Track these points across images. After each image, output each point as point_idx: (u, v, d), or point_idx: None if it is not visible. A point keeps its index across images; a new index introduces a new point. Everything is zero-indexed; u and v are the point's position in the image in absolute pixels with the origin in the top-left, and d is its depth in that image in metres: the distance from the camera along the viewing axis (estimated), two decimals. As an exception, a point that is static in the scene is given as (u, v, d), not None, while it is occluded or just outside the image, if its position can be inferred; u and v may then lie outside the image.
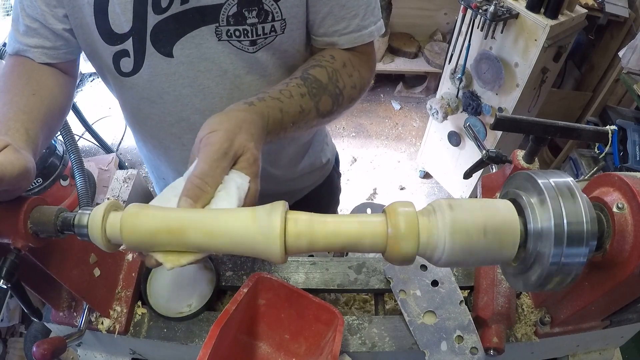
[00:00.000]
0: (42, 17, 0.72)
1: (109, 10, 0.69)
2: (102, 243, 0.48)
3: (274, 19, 0.71)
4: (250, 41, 0.72)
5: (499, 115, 0.82)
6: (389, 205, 0.45)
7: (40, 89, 0.72)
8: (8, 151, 0.52)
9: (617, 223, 0.49)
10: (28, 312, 0.65)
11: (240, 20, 0.70)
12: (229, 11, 0.69)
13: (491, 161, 0.91)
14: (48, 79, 0.75)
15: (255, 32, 0.71)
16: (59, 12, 0.72)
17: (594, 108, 2.61)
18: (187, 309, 0.79)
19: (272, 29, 0.72)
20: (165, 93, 0.78)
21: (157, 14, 0.69)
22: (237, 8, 0.69)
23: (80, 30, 0.74)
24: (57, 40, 0.75)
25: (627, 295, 0.60)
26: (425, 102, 2.48)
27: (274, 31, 0.72)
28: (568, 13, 1.93)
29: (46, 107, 0.70)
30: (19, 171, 0.50)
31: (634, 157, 1.94)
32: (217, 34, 0.71)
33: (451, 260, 0.43)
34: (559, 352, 0.84)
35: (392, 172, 3.01)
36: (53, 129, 0.74)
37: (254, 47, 0.73)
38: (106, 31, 0.71)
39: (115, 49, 0.73)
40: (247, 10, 0.69)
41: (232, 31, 0.71)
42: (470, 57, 2.16)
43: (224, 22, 0.70)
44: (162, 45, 0.72)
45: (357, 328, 0.78)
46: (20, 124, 0.62)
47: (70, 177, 2.09)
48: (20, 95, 0.69)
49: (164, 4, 0.69)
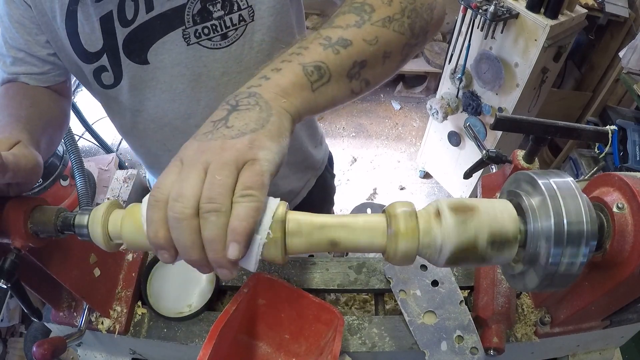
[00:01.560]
0: (26, 47, 0.74)
1: (79, 31, 0.70)
2: (102, 243, 0.48)
3: (239, 7, 0.69)
4: (221, 35, 0.71)
5: (499, 115, 0.82)
6: (389, 205, 0.45)
7: (37, 103, 0.73)
8: (21, 146, 0.54)
9: (617, 223, 0.49)
10: (28, 312, 0.65)
11: (206, 16, 0.69)
12: (193, 10, 0.68)
13: (491, 161, 0.91)
14: (43, 96, 0.77)
15: (224, 24, 0.70)
16: (42, 39, 0.74)
17: (594, 108, 2.61)
18: (187, 309, 0.79)
19: (241, 18, 0.70)
20: (146, 99, 0.78)
21: (124, 27, 0.69)
22: (201, 4, 0.68)
23: (62, 54, 0.75)
24: (44, 65, 0.76)
25: (627, 295, 0.60)
26: (425, 102, 2.48)
27: (243, 20, 0.71)
28: (568, 13, 1.93)
29: (45, 118, 0.72)
30: (32, 164, 0.53)
31: (634, 157, 1.94)
32: (185, 38, 0.71)
33: (451, 261, 0.43)
34: (559, 352, 0.84)
35: (392, 172, 3.01)
36: (53, 139, 0.75)
37: (226, 40, 0.72)
38: (81, 51, 0.72)
39: (93, 67, 0.74)
40: (210, 4, 0.68)
41: (201, 30, 0.70)
42: (470, 57, 2.16)
43: (190, 23, 0.69)
44: (136, 55, 0.72)
45: (357, 328, 0.78)
46: (22, 126, 0.63)
47: (70, 177, 2.09)
48: (18, 107, 0.70)
49: (129, 16, 0.69)
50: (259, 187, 0.41)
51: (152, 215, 0.41)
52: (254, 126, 0.44)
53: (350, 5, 0.56)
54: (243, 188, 0.40)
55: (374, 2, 0.56)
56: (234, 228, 0.39)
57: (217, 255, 0.40)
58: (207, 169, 0.41)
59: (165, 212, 0.40)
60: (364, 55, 0.53)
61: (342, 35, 0.52)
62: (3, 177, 0.49)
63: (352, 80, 0.53)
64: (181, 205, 0.39)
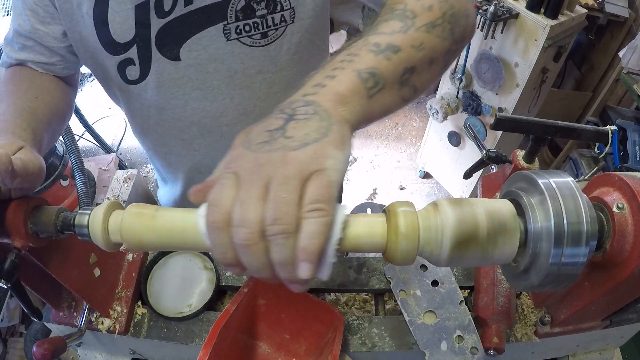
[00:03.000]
0: (36, 35, 0.73)
1: (109, 19, 0.68)
2: (102, 243, 0.48)
3: (282, 8, 0.69)
4: (261, 34, 0.71)
5: (499, 115, 0.82)
6: (389, 205, 0.45)
7: (42, 94, 0.72)
8: (26, 150, 0.54)
9: (617, 223, 0.49)
10: (28, 312, 0.65)
11: (249, 13, 0.68)
12: (237, 6, 0.68)
13: (491, 161, 0.91)
14: (49, 84, 0.76)
15: (266, 23, 0.70)
16: (55, 29, 0.73)
17: (594, 108, 2.61)
18: (187, 309, 0.79)
19: (282, 18, 0.70)
20: (173, 98, 0.77)
21: (161, 17, 0.68)
22: (246, 1, 0.67)
23: (80, 44, 0.73)
24: (52, 57, 0.76)
25: (627, 295, 0.60)
26: (425, 102, 2.48)
27: (284, 21, 0.71)
28: (568, 13, 1.93)
29: (49, 110, 0.71)
30: (38, 169, 0.53)
31: (634, 157, 1.94)
32: (226, 34, 0.70)
33: (451, 261, 0.43)
34: (559, 352, 0.84)
35: (392, 172, 3.01)
36: (56, 131, 0.75)
37: (265, 39, 0.72)
38: (108, 41, 0.70)
39: (119, 59, 0.72)
40: (255, 2, 0.68)
41: (242, 26, 0.69)
42: (470, 57, 2.16)
43: (232, 19, 0.69)
44: (169, 49, 0.71)
45: (357, 328, 0.78)
46: (26, 123, 0.63)
47: (70, 177, 2.09)
48: (24, 98, 0.69)
49: (167, 7, 0.67)
50: (328, 200, 0.37)
51: (216, 239, 0.38)
52: (315, 136, 0.40)
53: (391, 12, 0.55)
54: (311, 202, 0.37)
55: (415, 8, 0.55)
56: (304, 247, 0.36)
57: (289, 275, 0.38)
58: (269, 185, 0.37)
59: (229, 236, 0.37)
60: (413, 61, 0.52)
61: (391, 42, 0.51)
62: (12, 182, 0.49)
63: (402, 86, 0.52)
64: (246, 231, 0.36)
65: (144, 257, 0.85)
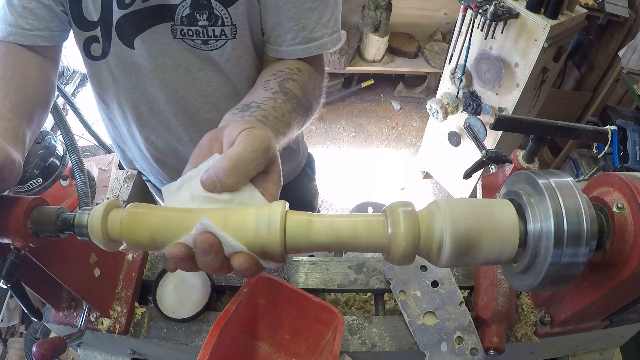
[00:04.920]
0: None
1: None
2: (102, 242, 0.48)
3: (224, 23, 0.75)
4: (202, 41, 0.77)
5: (499, 115, 0.82)
6: (389, 205, 0.45)
7: (25, 83, 0.72)
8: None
9: (617, 223, 0.49)
10: (28, 312, 0.65)
11: (192, 21, 0.75)
12: (183, 12, 0.74)
13: (491, 161, 0.91)
14: (33, 71, 0.76)
15: (206, 33, 0.76)
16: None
17: (594, 108, 2.61)
18: (187, 313, 0.79)
19: (222, 32, 0.76)
20: (127, 80, 0.84)
21: (121, 9, 0.74)
22: (190, 10, 0.73)
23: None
24: (52, 21, 0.77)
25: (627, 295, 0.60)
26: (425, 102, 2.48)
27: (224, 35, 0.77)
28: (568, 13, 1.93)
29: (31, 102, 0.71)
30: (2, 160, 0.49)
31: (634, 157, 1.94)
32: (173, 32, 0.76)
33: (451, 261, 0.43)
34: (559, 352, 0.84)
35: (392, 172, 3.01)
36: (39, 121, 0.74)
37: (207, 46, 0.78)
38: (79, 18, 0.77)
39: (87, 35, 0.79)
40: (198, 12, 0.74)
41: (186, 30, 0.76)
42: (470, 57, 2.16)
43: (178, 22, 0.75)
44: (125, 37, 0.78)
45: (357, 328, 0.78)
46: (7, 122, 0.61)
47: (70, 177, 2.08)
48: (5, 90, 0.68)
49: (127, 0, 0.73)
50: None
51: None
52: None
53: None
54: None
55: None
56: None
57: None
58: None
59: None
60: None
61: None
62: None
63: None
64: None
65: (144, 257, 0.85)
